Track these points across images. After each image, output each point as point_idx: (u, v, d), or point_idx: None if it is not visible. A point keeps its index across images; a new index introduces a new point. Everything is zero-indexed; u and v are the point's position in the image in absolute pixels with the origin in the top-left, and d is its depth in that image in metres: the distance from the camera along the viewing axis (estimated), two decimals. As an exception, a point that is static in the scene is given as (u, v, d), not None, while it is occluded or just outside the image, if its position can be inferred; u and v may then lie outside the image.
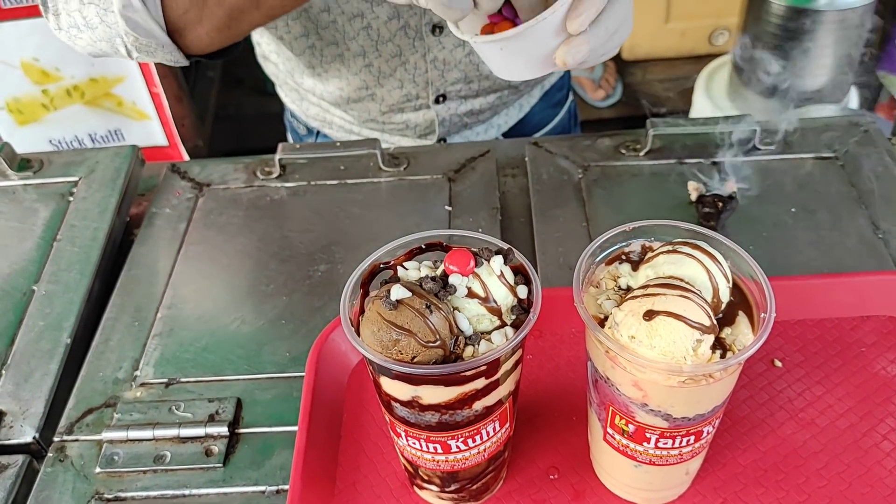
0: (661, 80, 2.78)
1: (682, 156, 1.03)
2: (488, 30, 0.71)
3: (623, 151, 1.04)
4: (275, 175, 1.04)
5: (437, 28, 1.04)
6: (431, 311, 0.55)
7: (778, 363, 0.77)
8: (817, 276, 0.86)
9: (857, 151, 1.02)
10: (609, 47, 0.70)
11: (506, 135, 1.27)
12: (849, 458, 0.70)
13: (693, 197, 0.95)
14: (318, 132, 1.27)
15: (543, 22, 0.65)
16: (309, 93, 1.20)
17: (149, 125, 1.83)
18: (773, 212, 0.95)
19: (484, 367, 0.56)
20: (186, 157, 1.88)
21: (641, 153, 1.03)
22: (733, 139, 1.02)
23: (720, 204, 0.92)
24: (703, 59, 2.52)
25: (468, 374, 0.55)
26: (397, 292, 0.56)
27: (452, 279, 0.57)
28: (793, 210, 0.95)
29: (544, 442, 0.73)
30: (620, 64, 2.79)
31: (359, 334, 0.57)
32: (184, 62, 0.90)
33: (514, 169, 1.06)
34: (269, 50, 1.18)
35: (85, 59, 1.67)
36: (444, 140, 1.22)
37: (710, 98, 2.30)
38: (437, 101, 1.15)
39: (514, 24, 0.70)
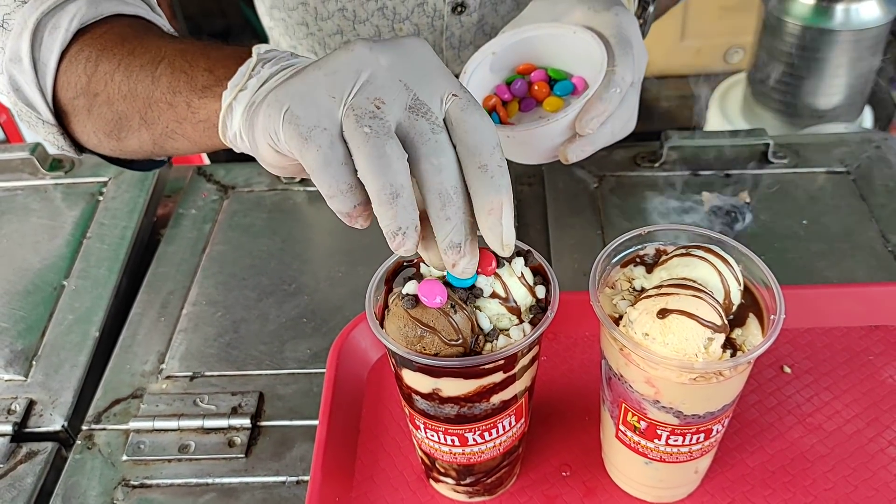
0: (676, 97, 2.81)
1: (696, 167, 1.05)
2: (491, 99, 0.76)
3: (638, 162, 1.06)
4: (298, 179, 1.07)
5: (459, 6, 1.03)
6: (455, 311, 0.57)
7: (787, 369, 0.79)
8: (827, 285, 0.88)
9: (868, 166, 1.04)
10: (609, 143, 0.73)
11: None
12: (855, 462, 0.72)
13: (706, 207, 0.97)
14: None
15: (555, 123, 0.68)
16: None
17: (172, 130, 1.86)
18: (785, 224, 0.97)
19: (502, 361, 0.58)
20: (207, 161, 1.91)
21: (656, 164, 1.05)
22: (746, 152, 1.05)
23: (733, 214, 0.94)
24: (718, 76, 2.54)
25: (487, 367, 0.58)
26: (410, 287, 0.58)
27: (479, 282, 0.59)
28: (804, 222, 0.97)
29: (557, 440, 0.75)
30: (635, 80, 2.81)
31: (383, 329, 0.60)
32: (70, 152, 0.79)
33: (530, 178, 1.09)
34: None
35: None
36: None
37: (724, 115, 2.33)
38: None
39: (521, 101, 0.75)
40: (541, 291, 0.61)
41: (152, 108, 0.68)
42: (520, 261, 0.61)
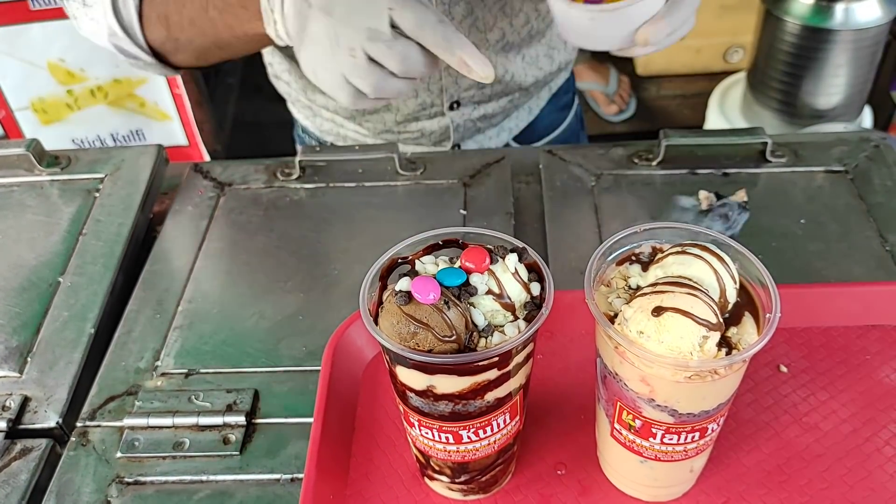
0: (675, 96, 2.80)
1: (693, 166, 1.05)
2: None
3: (636, 161, 1.06)
4: (294, 176, 1.07)
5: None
6: (449, 307, 0.57)
7: (783, 369, 0.79)
8: (824, 284, 0.87)
9: (866, 166, 1.04)
10: (676, 36, 0.80)
11: (516, 138, 1.30)
12: (851, 462, 0.71)
13: (704, 206, 0.97)
14: (331, 145, 1.30)
15: (642, 3, 0.70)
16: (322, 108, 1.22)
17: (169, 125, 1.86)
18: (783, 223, 0.97)
19: (496, 358, 0.58)
20: (206, 157, 1.91)
21: (654, 163, 1.05)
22: (744, 151, 1.04)
23: (730, 213, 0.94)
24: (718, 75, 2.54)
25: (481, 364, 0.57)
26: (404, 283, 0.58)
27: (473, 279, 0.59)
28: (802, 221, 0.97)
29: (553, 439, 0.74)
30: (634, 79, 2.81)
31: (377, 325, 0.59)
32: (173, 73, 1.07)
33: (527, 176, 1.08)
34: (282, 70, 1.21)
35: (109, 61, 1.70)
36: (458, 146, 1.24)
37: (723, 115, 2.32)
38: (451, 108, 1.17)
39: None
40: (536, 288, 0.61)
41: (220, 39, 0.93)
42: (513, 257, 0.61)
